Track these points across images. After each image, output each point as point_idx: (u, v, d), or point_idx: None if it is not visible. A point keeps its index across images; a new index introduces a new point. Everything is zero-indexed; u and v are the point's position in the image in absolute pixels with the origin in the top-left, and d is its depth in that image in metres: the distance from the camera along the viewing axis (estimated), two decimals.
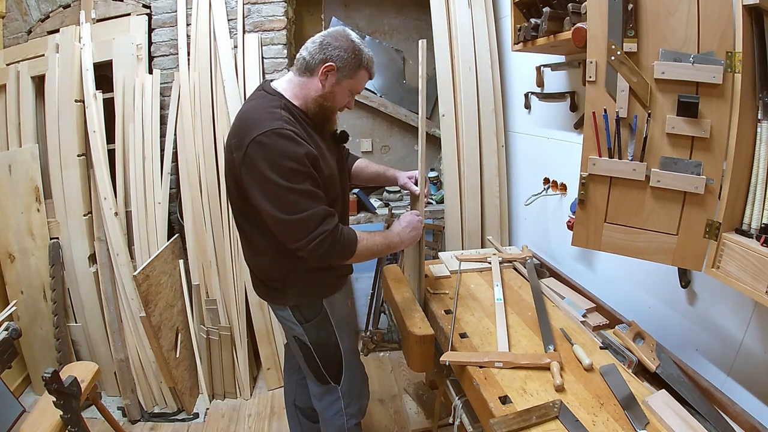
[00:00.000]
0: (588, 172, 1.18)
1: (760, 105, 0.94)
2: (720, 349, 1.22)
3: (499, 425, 1.00)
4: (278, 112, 1.16)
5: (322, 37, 1.22)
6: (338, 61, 1.20)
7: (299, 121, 1.21)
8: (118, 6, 2.29)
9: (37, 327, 2.20)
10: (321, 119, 1.27)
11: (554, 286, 1.69)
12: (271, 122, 1.12)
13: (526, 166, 2.21)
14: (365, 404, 1.55)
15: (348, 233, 1.22)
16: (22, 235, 2.16)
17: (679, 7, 0.99)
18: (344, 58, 1.20)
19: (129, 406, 2.14)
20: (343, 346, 1.42)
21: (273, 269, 1.33)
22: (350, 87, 1.26)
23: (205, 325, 2.27)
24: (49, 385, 1.34)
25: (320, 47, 1.20)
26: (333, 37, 1.21)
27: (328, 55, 1.20)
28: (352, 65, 1.22)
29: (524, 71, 2.08)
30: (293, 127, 1.14)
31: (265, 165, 1.10)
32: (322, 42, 1.21)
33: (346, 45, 1.20)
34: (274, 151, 1.10)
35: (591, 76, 1.13)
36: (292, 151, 1.10)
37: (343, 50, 1.20)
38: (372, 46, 2.74)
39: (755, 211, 0.95)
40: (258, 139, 1.10)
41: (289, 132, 1.11)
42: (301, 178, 1.12)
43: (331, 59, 1.20)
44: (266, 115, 1.15)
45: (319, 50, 1.20)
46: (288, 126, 1.13)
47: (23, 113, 2.18)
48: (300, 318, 1.36)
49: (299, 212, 1.11)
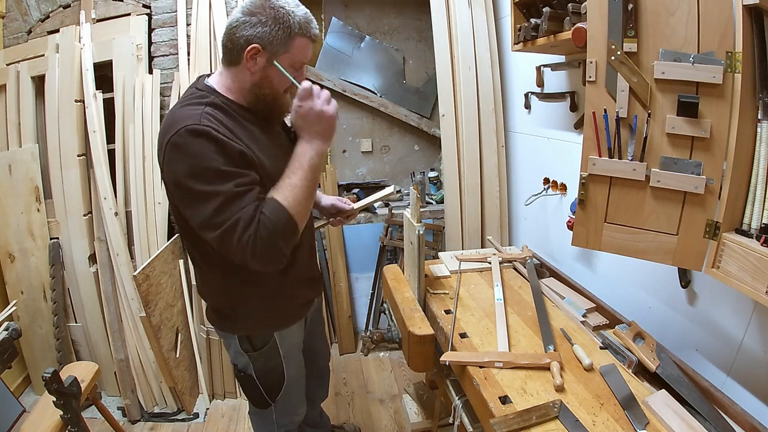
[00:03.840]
0: (588, 172, 1.18)
1: (760, 105, 0.94)
2: (720, 349, 1.22)
3: (499, 425, 1.00)
4: (197, 109, 1.00)
5: (238, 13, 1.02)
6: (261, 40, 1.01)
7: (231, 116, 1.05)
8: (118, 6, 2.29)
9: (37, 327, 2.20)
10: (264, 110, 1.11)
11: (554, 286, 1.69)
12: (185, 121, 0.97)
13: (526, 166, 2.21)
14: (301, 414, 1.45)
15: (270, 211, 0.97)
16: (22, 235, 2.16)
17: (679, 7, 0.99)
18: (268, 34, 1.00)
19: (129, 406, 2.14)
20: (288, 374, 1.30)
21: (222, 298, 1.21)
22: (289, 62, 1.05)
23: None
24: (49, 385, 1.34)
25: (238, 28, 1.01)
26: (249, 11, 1.00)
27: (248, 35, 1.00)
28: (280, 38, 1.01)
29: (524, 71, 2.08)
30: (213, 123, 0.98)
31: (181, 168, 0.95)
32: (238, 21, 1.01)
33: (266, 15, 0.99)
34: (187, 151, 0.95)
35: (591, 76, 1.13)
36: (208, 150, 0.94)
37: (264, 24, 1.00)
38: (372, 46, 2.74)
39: (755, 211, 0.95)
40: (172, 141, 0.95)
41: (204, 128, 0.95)
42: (221, 179, 0.95)
43: (252, 40, 1.00)
44: (184, 113, 1.00)
45: (238, 32, 1.01)
46: (206, 122, 0.97)
47: (23, 113, 2.18)
48: (247, 347, 1.23)
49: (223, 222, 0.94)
